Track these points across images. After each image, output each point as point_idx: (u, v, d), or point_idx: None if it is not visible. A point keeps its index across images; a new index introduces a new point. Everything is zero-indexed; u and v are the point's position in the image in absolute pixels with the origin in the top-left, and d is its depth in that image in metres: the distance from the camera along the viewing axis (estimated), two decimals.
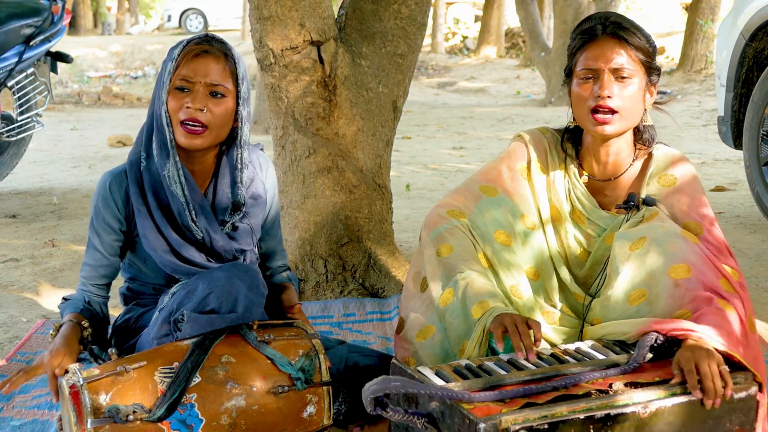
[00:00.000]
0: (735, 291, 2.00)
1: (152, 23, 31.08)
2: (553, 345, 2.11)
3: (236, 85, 2.13)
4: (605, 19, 2.17)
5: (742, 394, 1.78)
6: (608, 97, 2.10)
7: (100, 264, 2.20)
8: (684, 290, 1.97)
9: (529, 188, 2.28)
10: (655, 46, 2.19)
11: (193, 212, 2.14)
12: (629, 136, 2.21)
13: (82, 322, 2.11)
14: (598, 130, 2.14)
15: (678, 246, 2.02)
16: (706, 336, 1.85)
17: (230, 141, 2.19)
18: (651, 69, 2.17)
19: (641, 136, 2.23)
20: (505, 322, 1.96)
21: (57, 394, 1.97)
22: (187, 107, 2.07)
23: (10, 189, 6.04)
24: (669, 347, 1.91)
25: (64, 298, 2.21)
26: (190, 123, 2.07)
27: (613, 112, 2.11)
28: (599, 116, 2.12)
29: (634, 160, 2.23)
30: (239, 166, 2.18)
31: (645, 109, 2.19)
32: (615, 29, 2.13)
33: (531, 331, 1.94)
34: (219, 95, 2.10)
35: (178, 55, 2.10)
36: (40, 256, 4.07)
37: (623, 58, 2.12)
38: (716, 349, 1.82)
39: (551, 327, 2.15)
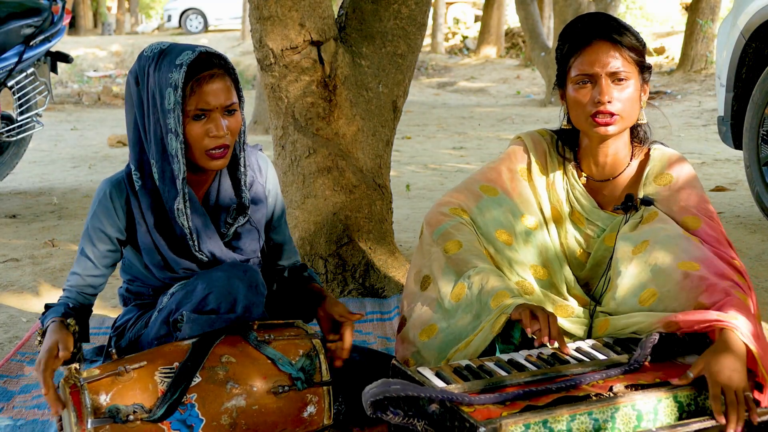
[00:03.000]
0: (746, 281, 1.98)
1: (152, 23, 31.06)
2: (572, 337, 2.08)
3: (239, 94, 2.11)
4: (594, 21, 2.15)
5: (766, 418, 1.74)
6: (608, 102, 2.09)
7: (90, 273, 2.15)
8: (696, 279, 1.94)
9: (530, 188, 2.27)
10: (644, 44, 2.18)
11: (198, 241, 2.12)
12: (626, 135, 2.21)
13: (67, 320, 2.01)
14: (600, 132, 2.12)
15: (683, 247, 2.01)
16: (734, 325, 1.81)
17: None
18: (644, 67, 2.16)
19: (636, 134, 2.23)
20: (531, 309, 1.94)
21: (54, 402, 1.84)
22: (212, 135, 2.04)
23: (10, 189, 6.04)
24: (669, 347, 1.91)
25: (46, 306, 2.12)
26: (216, 149, 2.05)
27: (613, 115, 2.10)
28: (600, 119, 2.10)
29: (631, 159, 2.23)
30: (242, 168, 2.17)
31: (641, 108, 2.19)
32: (607, 32, 2.11)
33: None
34: (233, 111, 2.08)
35: (183, 83, 2.01)
36: (40, 256, 4.07)
37: (619, 62, 2.10)
38: (747, 346, 1.79)
39: (568, 319, 2.12)
